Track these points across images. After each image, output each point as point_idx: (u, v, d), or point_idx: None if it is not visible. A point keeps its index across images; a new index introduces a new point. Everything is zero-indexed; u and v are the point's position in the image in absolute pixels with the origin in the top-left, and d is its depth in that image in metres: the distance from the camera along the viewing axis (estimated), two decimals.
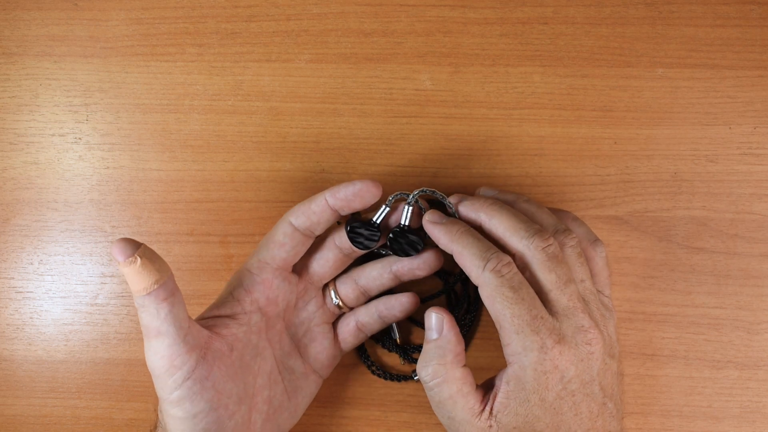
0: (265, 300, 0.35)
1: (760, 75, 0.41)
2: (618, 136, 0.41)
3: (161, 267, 0.29)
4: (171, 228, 0.41)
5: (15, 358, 0.41)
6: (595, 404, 0.31)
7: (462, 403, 0.31)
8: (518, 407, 0.30)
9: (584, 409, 0.31)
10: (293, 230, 0.34)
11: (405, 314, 0.37)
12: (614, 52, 0.41)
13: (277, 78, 0.41)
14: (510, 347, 0.31)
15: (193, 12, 0.42)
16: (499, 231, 0.33)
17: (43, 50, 0.42)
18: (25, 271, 0.41)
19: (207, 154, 0.41)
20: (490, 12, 0.42)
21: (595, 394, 0.31)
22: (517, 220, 0.33)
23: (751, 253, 0.40)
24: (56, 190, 0.41)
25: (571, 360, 0.30)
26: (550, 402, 0.30)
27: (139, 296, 0.29)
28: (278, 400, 0.35)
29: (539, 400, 0.30)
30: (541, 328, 0.30)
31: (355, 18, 0.42)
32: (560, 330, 0.31)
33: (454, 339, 0.33)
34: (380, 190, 0.34)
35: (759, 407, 0.40)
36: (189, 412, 0.30)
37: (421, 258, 0.36)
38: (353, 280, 0.37)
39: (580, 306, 0.31)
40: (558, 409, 0.30)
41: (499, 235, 0.33)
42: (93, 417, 0.41)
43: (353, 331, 0.38)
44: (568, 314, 0.31)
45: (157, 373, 0.30)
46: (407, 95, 0.41)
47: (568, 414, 0.30)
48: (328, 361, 0.37)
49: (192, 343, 0.31)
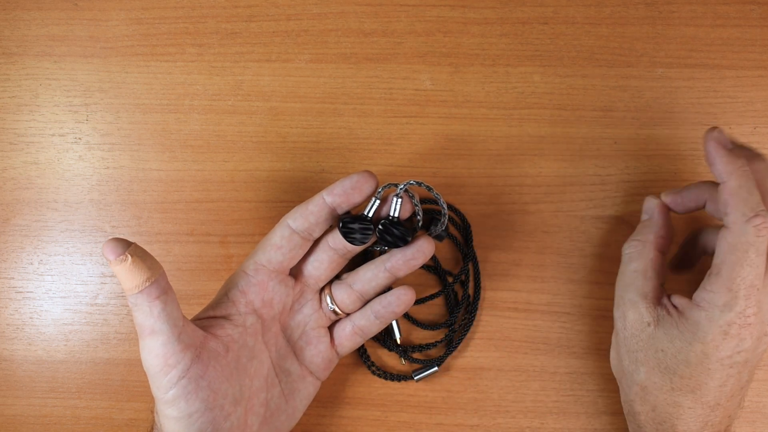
0: (260, 302, 0.35)
1: (760, 75, 0.41)
2: (618, 136, 0.41)
3: (152, 265, 0.29)
4: (171, 228, 0.41)
5: (15, 358, 0.41)
6: (738, 386, 0.31)
7: (640, 283, 0.33)
8: (678, 339, 0.31)
9: (729, 385, 0.31)
10: (291, 233, 0.34)
11: (403, 308, 0.36)
12: (614, 52, 0.41)
13: (277, 78, 0.41)
14: (712, 295, 0.31)
15: (193, 12, 0.42)
16: None
17: (43, 50, 0.42)
18: (25, 271, 0.41)
19: (207, 154, 0.41)
20: (490, 12, 0.42)
21: (744, 378, 0.31)
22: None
23: None
24: (56, 190, 0.41)
25: (752, 335, 0.30)
26: (709, 360, 0.31)
27: (132, 294, 0.29)
28: (275, 402, 0.35)
29: (701, 353, 0.30)
30: (751, 297, 0.30)
31: (355, 18, 0.42)
32: (762, 306, 0.31)
33: (661, 223, 0.34)
34: (376, 180, 0.33)
35: (759, 407, 0.40)
36: (184, 411, 0.30)
37: (414, 246, 0.35)
38: (348, 285, 0.36)
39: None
40: (709, 371, 0.31)
41: None
42: (93, 417, 0.41)
43: (350, 335, 0.37)
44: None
45: (152, 372, 0.30)
46: (407, 95, 0.41)
47: (715, 381, 0.31)
48: (325, 365, 0.37)
49: (187, 341, 0.30)
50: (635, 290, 0.34)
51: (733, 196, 0.31)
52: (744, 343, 0.30)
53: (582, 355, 0.40)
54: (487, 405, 0.40)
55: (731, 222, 0.31)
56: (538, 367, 0.40)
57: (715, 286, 0.31)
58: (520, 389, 0.40)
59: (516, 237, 0.41)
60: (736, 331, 0.30)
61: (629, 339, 0.33)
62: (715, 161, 0.32)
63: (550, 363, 0.40)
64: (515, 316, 0.40)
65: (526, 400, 0.40)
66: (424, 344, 0.40)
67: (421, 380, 0.40)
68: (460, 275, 0.40)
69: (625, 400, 0.35)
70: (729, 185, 0.31)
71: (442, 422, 0.40)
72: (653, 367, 0.32)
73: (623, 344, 0.34)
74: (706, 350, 0.30)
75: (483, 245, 0.41)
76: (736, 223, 0.30)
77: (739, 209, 0.30)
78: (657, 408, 0.32)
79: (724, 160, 0.32)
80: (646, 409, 0.33)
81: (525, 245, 0.41)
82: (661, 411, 0.32)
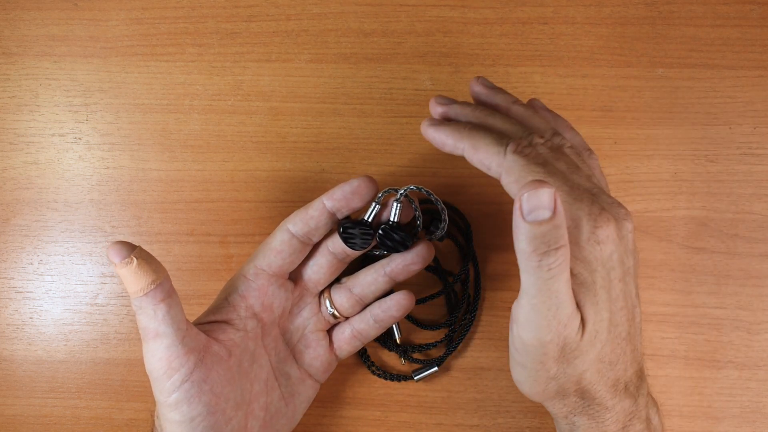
0: (260, 306, 0.35)
1: (760, 75, 0.41)
2: (618, 136, 0.41)
3: (157, 268, 0.29)
4: (171, 228, 0.41)
5: (15, 358, 0.41)
6: (630, 301, 0.29)
7: (568, 307, 0.27)
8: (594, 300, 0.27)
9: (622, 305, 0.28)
10: (291, 237, 0.34)
11: (402, 313, 0.36)
12: (614, 52, 0.41)
13: (277, 78, 0.41)
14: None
15: (193, 12, 0.42)
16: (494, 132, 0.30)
17: (43, 50, 0.42)
18: (25, 271, 0.41)
19: (207, 154, 0.41)
20: (490, 12, 0.42)
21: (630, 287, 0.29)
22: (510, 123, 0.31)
23: (751, 253, 0.40)
24: (56, 190, 0.41)
25: (615, 233, 0.27)
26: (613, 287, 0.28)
27: (136, 298, 0.29)
28: (275, 406, 0.35)
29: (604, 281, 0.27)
30: (582, 197, 0.28)
31: (355, 18, 0.42)
32: (599, 201, 0.28)
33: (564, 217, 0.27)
34: (377, 185, 0.33)
35: (759, 407, 0.40)
36: (186, 415, 0.30)
37: (413, 251, 0.35)
38: (348, 289, 0.36)
39: (601, 190, 0.29)
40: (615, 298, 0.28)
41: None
42: (93, 417, 0.41)
43: (348, 339, 0.37)
44: (595, 193, 0.29)
45: (155, 376, 0.30)
46: (407, 95, 0.41)
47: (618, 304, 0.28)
48: (324, 368, 0.37)
49: (190, 345, 0.30)
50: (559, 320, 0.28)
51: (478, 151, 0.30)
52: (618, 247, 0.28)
53: None
54: (487, 405, 0.40)
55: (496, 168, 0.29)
56: None
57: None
58: None
59: None
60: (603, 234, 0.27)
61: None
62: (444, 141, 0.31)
63: None
64: None
65: (526, 400, 0.40)
66: (424, 344, 0.40)
67: (421, 380, 0.40)
68: (461, 275, 0.40)
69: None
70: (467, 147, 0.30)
71: (442, 422, 0.40)
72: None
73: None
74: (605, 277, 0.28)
75: (483, 245, 0.41)
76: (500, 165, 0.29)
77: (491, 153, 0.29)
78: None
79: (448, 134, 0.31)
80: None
81: None
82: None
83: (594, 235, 0.27)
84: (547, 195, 0.25)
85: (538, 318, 0.27)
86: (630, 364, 0.30)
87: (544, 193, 0.25)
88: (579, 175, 0.29)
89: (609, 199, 0.29)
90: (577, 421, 0.30)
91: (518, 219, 0.25)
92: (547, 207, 0.25)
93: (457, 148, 0.31)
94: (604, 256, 0.27)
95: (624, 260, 0.28)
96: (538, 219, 0.25)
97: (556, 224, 0.25)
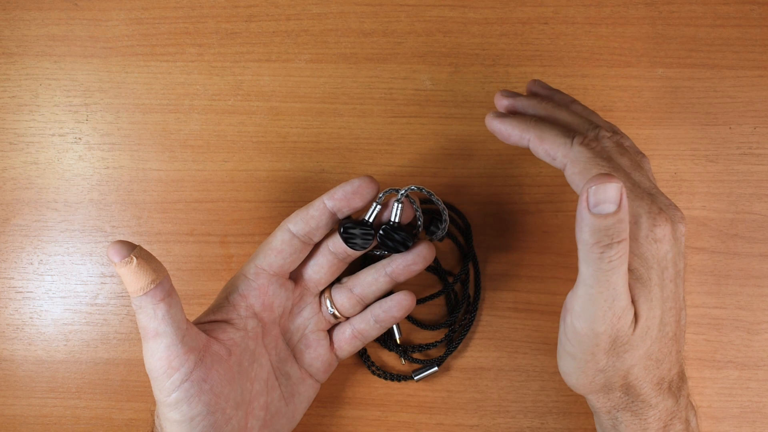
0: (260, 306, 0.35)
1: (760, 75, 0.41)
2: None
3: (157, 267, 0.29)
4: (171, 228, 0.41)
5: (15, 358, 0.41)
6: (678, 303, 0.29)
7: (623, 299, 0.27)
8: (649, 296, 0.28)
9: (671, 305, 0.29)
10: (291, 237, 0.34)
11: (403, 313, 0.36)
12: (614, 52, 0.41)
13: (277, 78, 0.41)
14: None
15: (193, 12, 0.42)
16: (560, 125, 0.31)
17: (43, 50, 0.42)
18: (25, 271, 0.41)
19: (207, 154, 0.41)
20: (490, 12, 0.42)
21: (680, 289, 0.29)
22: (576, 117, 0.32)
23: (751, 253, 0.40)
24: (56, 190, 0.41)
25: (671, 233, 0.28)
26: (665, 286, 0.28)
27: (136, 297, 0.29)
28: (275, 405, 0.35)
29: (658, 279, 0.28)
30: (643, 195, 0.28)
31: (355, 18, 0.42)
32: (657, 201, 0.29)
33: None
34: (377, 185, 0.33)
35: (759, 407, 0.40)
36: (186, 415, 0.30)
37: (414, 252, 0.35)
38: (348, 289, 0.36)
39: (659, 191, 0.30)
40: (666, 297, 0.28)
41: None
42: (93, 417, 0.41)
43: (349, 339, 0.37)
44: (653, 193, 0.29)
45: (155, 375, 0.30)
46: (407, 95, 0.41)
47: (668, 303, 0.28)
48: (324, 368, 0.37)
49: (190, 344, 0.30)
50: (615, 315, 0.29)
51: (544, 140, 0.30)
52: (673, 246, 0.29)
53: None
54: (487, 405, 0.40)
55: (562, 158, 0.30)
56: (538, 367, 0.40)
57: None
58: (520, 389, 0.40)
59: (516, 237, 0.41)
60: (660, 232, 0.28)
61: None
62: (509, 132, 0.32)
63: (550, 363, 0.40)
64: (515, 316, 0.40)
65: (526, 400, 0.40)
66: (424, 344, 0.40)
67: (421, 380, 0.40)
68: (461, 275, 0.40)
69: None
70: (534, 136, 0.31)
71: (442, 422, 0.40)
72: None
73: None
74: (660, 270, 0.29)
75: (483, 245, 0.41)
76: (567, 155, 0.30)
77: (558, 143, 0.30)
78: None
79: (514, 124, 0.31)
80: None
81: (525, 245, 0.41)
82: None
83: (652, 233, 0.28)
84: (615, 189, 0.25)
85: (594, 308, 0.27)
86: (674, 365, 0.30)
87: (611, 186, 0.25)
88: (640, 174, 0.30)
89: (666, 200, 0.30)
90: (620, 416, 0.30)
91: (584, 210, 0.26)
92: (613, 201, 0.25)
93: (523, 138, 0.31)
94: (660, 255, 0.28)
95: (677, 261, 0.29)
96: (603, 212, 0.25)
97: (620, 218, 0.25)
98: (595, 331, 0.28)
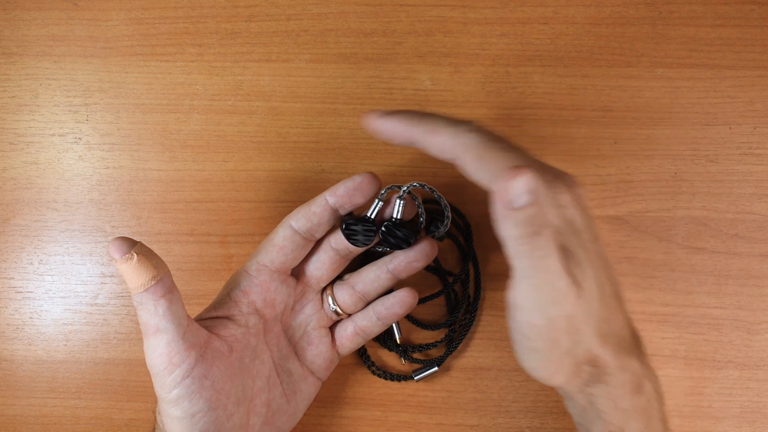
0: (262, 302, 0.35)
1: (760, 75, 0.41)
2: (618, 136, 0.41)
3: (158, 264, 0.30)
4: (171, 228, 0.41)
5: (15, 358, 0.41)
6: (605, 262, 0.29)
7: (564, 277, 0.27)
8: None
9: (600, 265, 0.29)
10: (293, 233, 0.34)
11: (405, 310, 0.36)
12: (614, 52, 0.41)
13: (277, 78, 0.41)
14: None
15: (193, 12, 0.42)
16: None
17: (43, 50, 0.42)
18: (25, 271, 0.41)
19: (207, 154, 0.41)
20: (490, 12, 0.42)
21: (601, 249, 0.29)
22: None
23: (751, 253, 0.40)
24: (56, 190, 0.41)
25: (572, 198, 0.28)
26: (588, 249, 0.28)
27: (137, 293, 0.29)
28: (277, 402, 0.35)
29: (579, 242, 0.28)
30: (536, 168, 0.27)
31: (355, 18, 0.42)
32: (548, 171, 0.29)
33: None
34: (379, 181, 0.33)
35: (759, 407, 0.40)
36: (187, 411, 0.30)
37: (416, 248, 0.35)
38: (350, 285, 0.36)
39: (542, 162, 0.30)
40: (593, 258, 0.28)
41: None
42: (93, 417, 0.41)
43: (351, 336, 0.37)
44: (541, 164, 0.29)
45: (156, 371, 0.30)
46: (407, 95, 0.41)
47: (596, 263, 0.28)
48: (326, 365, 0.37)
49: (191, 341, 0.31)
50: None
51: (437, 133, 0.29)
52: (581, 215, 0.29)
53: None
54: (487, 405, 0.40)
55: (452, 146, 0.29)
56: None
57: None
58: (520, 389, 0.40)
59: None
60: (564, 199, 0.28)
61: None
62: (395, 131, 0.30)
63: None
64: None
65: (526, 400, 0.40)
66: (424, 344, 0.40)
67: (421, 380, 0.40)
68: (461, 275, 0.40)
69: None
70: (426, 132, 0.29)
71: (442, 422, 0.40)
72: None
73: None
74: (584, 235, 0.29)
75: (483, 245, 0.41)
76: (459, 139, 0.29)
77: (451, 131, 0.29)
78: None
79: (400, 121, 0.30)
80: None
81: None
82: None
83: (556, 200, 0.28)
84: (526, 180, 0.25)
85: (541, 297, 0.27)
86: (624, 323, 0.30)
87: (523, 179, 0.25)
88: (521, 151, 0.29)
89: (553, 168, 0.30)
90: (594, 390, 0.30)
91: (501, 208, 0.26)
92: (528, 190, 0.25)
93: (411, 134, 0.30)
94: (571, 219, 0.28)
95: (589, 224, 0.29)
96: (521, 204, 0.25)
97: (539, 204, 0.25)
98: (550, 317, 0.28)
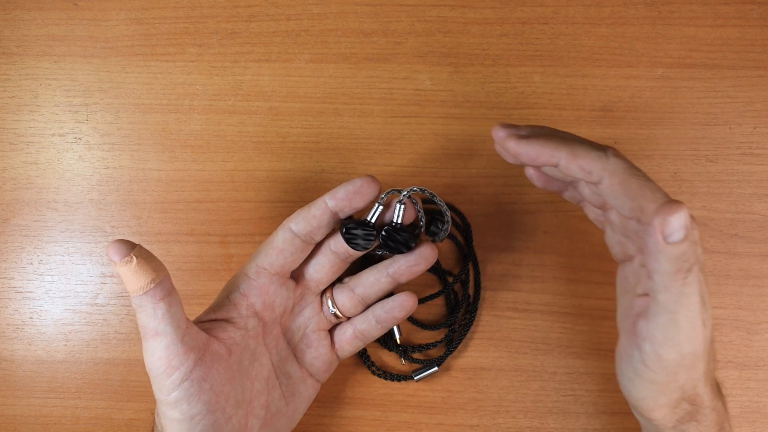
0: (261, 305, 0.35)
1: (760, 75, 0.41)
2: (618, 136, 0.41)
3: (157, 266, 0.29)
4: (171, 228, 0.41)
5: (15, 358, 0.41)
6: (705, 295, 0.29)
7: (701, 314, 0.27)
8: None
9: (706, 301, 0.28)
10: (293, 236, 0.34)
11: (405, 314, 0.36)
12: (614, 52, 0.41)
13: (277, 78, 0.41)
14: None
15: (193, 12, 0.42)
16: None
17: (43, 50, 0.42)
18: (25, 271, 0.41)
19: (207, 154, 0.41)
20: (490, 12, 0.42)
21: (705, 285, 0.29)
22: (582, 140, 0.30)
23: (751, 253, 0.40)
24: (56, 190, 0.41)
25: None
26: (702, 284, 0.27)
27: (136, 296, 0.29)
28: (276, 405, 0.35)
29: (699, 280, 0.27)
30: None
31: (355, 18, 0.42)
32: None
33: None
34: (379, 185, 0.33)
35: (759, 407, 0.40)
36: (186, 413, 0.30)
37: (416, 253, 0.35)
38: (350, 289, 0.36)
39: None
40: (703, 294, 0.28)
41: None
42: (93, 417, 0.41)
43: (350, 339, 0.37)
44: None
45: (155, 374, 0.30)
46: (407, 95, 0.41)
47: (705, 299, 0.27)
48: (325, 367, 0.37)
49: (190, 343, 0.30)
50: None
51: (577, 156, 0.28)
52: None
53: (582, 355, 0.40)
54: (487, 405, 0.40)
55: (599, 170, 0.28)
56: (538, 367, 0.40)
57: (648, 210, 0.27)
58: (520, 389, 0.40)
59: (516, 237, 0.41)
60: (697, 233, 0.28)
61: None
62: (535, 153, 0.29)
63: (550, 363, 0.40)
64: (515, 316, 0.40)
65: (526, 400, 0.40)
66: (424, 344, 0.40)
67: (421, 380, 0.40)
68: (461, 275, 0.40)
69: None
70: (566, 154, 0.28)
71: (442, 422, 0.40)
72: None
73: None
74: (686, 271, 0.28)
75: (483, 245, 0.41)
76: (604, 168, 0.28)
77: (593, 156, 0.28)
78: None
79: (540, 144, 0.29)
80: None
81: (525, 245, 0.41)
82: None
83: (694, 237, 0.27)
84: (684, 215, 0.25)
85: (680, 333, 0.27)
86: (716, 365, 0.30)
87: (681, 213, 0.25)
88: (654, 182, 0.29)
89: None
90: (687, 428, 0.30)
91: (659, 242, 0.25)
92: (685, 226, 0.25)
93: (553, 157, 0.29)
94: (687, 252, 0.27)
95: (699, 255, 0.28)
96: (677, 239, 0.25)
97: (694, 241, 0.26)
98: (682, 353, 0.27)
